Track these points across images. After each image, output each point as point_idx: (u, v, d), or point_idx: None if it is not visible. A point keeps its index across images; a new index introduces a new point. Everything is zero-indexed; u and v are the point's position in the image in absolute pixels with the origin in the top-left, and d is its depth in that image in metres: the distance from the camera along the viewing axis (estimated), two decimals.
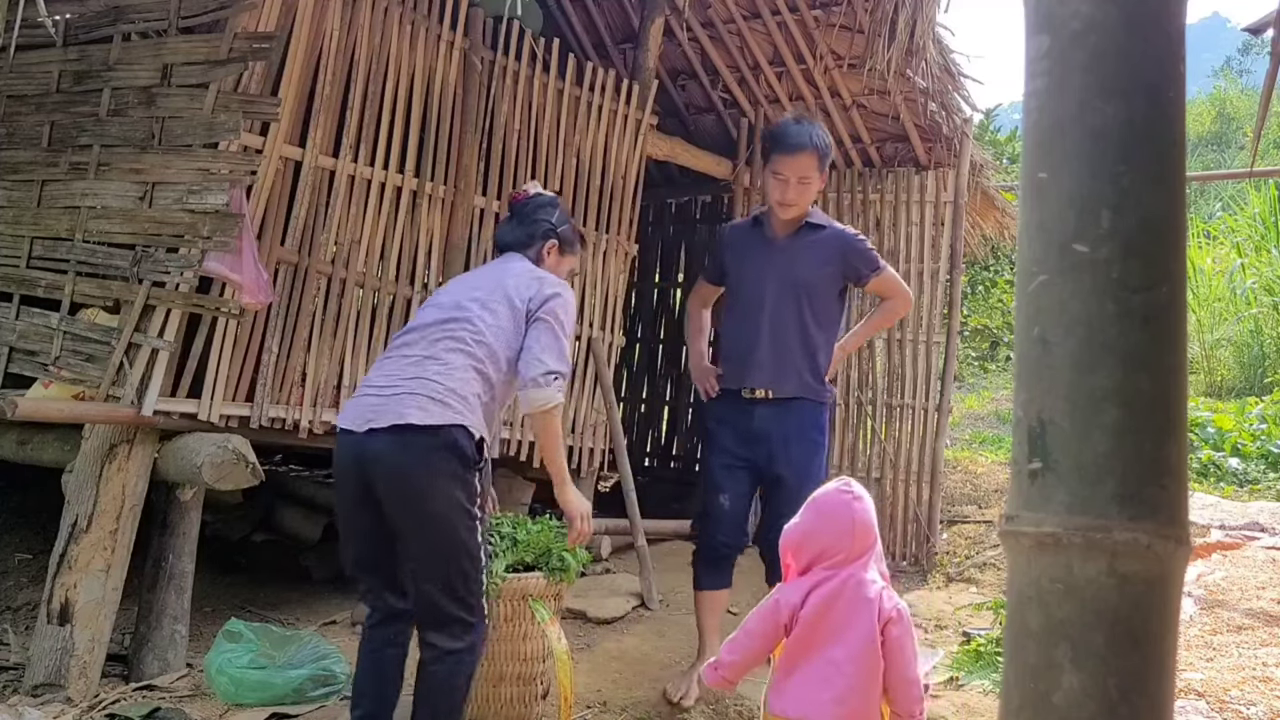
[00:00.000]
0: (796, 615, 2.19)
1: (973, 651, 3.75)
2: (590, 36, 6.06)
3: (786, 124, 3.40)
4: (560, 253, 2.95)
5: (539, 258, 2.89)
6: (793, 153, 3.30)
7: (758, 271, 3.44)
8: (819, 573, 2.21)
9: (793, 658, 2.20)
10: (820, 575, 2.21)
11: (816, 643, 2.18)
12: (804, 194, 3.35)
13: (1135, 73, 0.89)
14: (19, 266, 3.75)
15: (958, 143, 5.47)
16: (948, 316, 5.70)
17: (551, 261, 2.91)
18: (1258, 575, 3.90)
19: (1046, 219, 0.90)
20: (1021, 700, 0.87)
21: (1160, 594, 0.86)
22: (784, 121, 3.45)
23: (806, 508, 2.29)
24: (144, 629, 3.46)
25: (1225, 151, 19.44)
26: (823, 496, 2.28)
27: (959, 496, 6.14)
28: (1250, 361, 8.76)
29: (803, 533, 2.25)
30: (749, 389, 3.41)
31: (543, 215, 2.93)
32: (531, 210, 2.95)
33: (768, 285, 3.41)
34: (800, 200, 3.37)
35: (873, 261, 3.48)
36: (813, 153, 3.30)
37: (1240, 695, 2.89)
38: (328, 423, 3.87)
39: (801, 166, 3.30)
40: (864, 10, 5.05)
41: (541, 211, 2.94)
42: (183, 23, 3.54)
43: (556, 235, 2.93)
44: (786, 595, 2.22)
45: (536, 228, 2.91)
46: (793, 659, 2.20)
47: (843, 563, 2.20)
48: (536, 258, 2.89)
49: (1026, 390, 0.90)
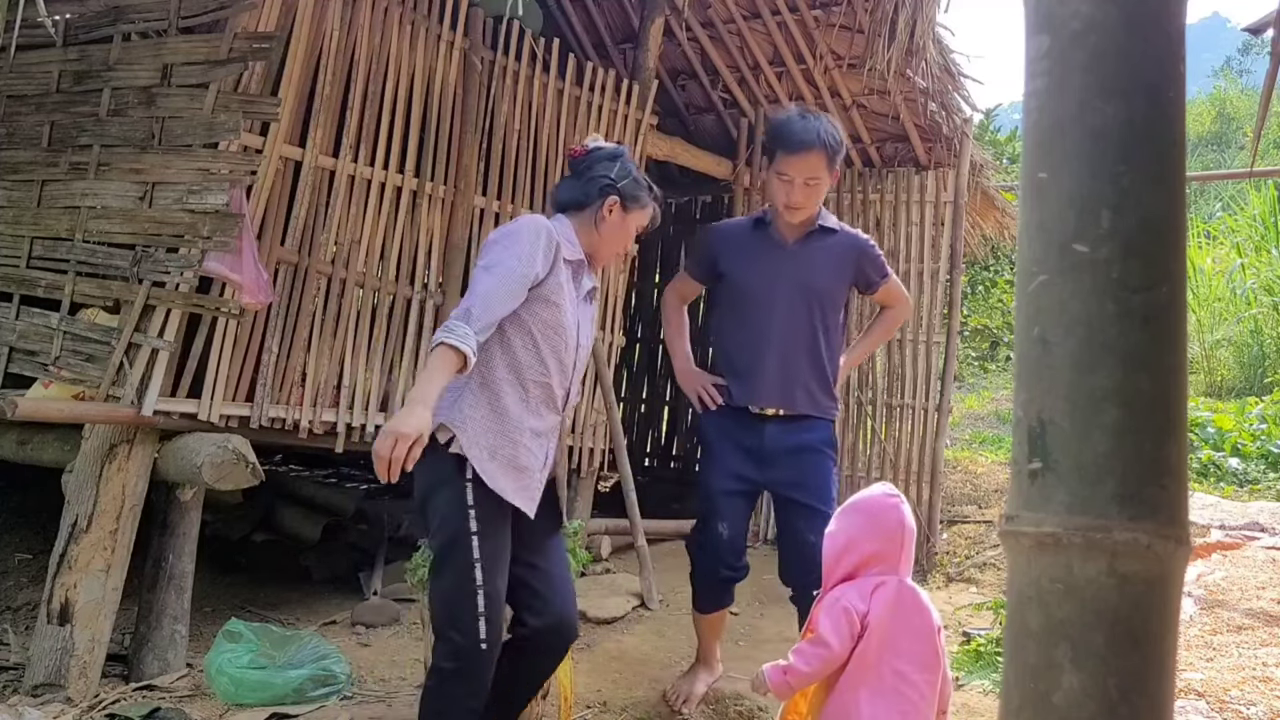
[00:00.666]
0: (865, 621, 2.10)
1: (973, 651, 3.75)
2: (590, 36, 6.06)
3: (791, 120, 3.06)
4: (624, 208, 2.59)
5: (598, 218, 2.57)
6: (799, 152, 3.00)
7: (766, 279, 3.16)
8: (872, 578, 2.14)
9: (857, 673, 2.10)
10: (874, 581, 2.13)
11: (881, 654, 2.10)
12: (812, 196, 3.07)
13: (1135, 73, 0.89)
14: (19, 266, 3.75)
15: (958, 143, 5.47)
16: (948, 316, 5.70)
17: (614, 220, 2.57)
18: (1258, 575, 3.90)
19: (1046, 219, 0.90)
20: (1021, 700, 0.87)
21: (1160, 594, 0.86)
22: (788, 117, 3.09)
23: (849, 511, 2.23)
24: (144, 629, 3.46)
25: (1225, 151, 19.44)
26: (869, 500, 2.22)
27: (959, 496, 6.14)
28: (1250, 361, 8.76)
29: (849, 536, 2.18)
30: (758, 406, 3.16)
31: (601, 170, 2.59)
32: (589, 165, 2.62)
33: (778, 293, 3.14)
34: (809, 203, 3.08)
35: (883, 268, 3.27)
36: (821, 151, 2.99)
37: (1240, 695, 2.89)
38: (328, 423, 3.87)
39: (809, 167, 3.01)
40: (864, 10, 5.05)
41: (600, 166, 2.60)
42: (183, 23, 3.54)
43: (617, 190, 2.57)
44: (853, 601, 2.12)
45: (593, 185, 2.58)
46: (857, 674, 2.10)
47: (893, 568, 2.15)
48: (595, 219, 2.57)
49: (1026, 390, 0.90)
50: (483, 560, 2.28)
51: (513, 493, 2.36)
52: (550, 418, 2.46)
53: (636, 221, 2.63)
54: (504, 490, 2.34)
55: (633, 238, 2.68)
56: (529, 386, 2.40)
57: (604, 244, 2.60)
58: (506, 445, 2.36)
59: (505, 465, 2.35)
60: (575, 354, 2.51)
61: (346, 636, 3.99)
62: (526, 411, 2.40)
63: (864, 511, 2.21)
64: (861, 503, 2.23)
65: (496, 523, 2.34)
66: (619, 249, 2.65)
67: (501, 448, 2.35)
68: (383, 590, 4.52)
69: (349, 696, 3.31)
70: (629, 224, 2.61)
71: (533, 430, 2.40)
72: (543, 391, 2.42)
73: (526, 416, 2.39)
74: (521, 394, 2.39)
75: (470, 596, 2.27)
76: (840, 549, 2.19)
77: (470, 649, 2.27)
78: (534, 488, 2.43)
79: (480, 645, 2.27)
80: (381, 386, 4.06)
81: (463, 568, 2.28)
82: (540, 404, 2.43)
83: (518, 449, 2.37)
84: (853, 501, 2.26)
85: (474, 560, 2.28)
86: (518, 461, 2.37)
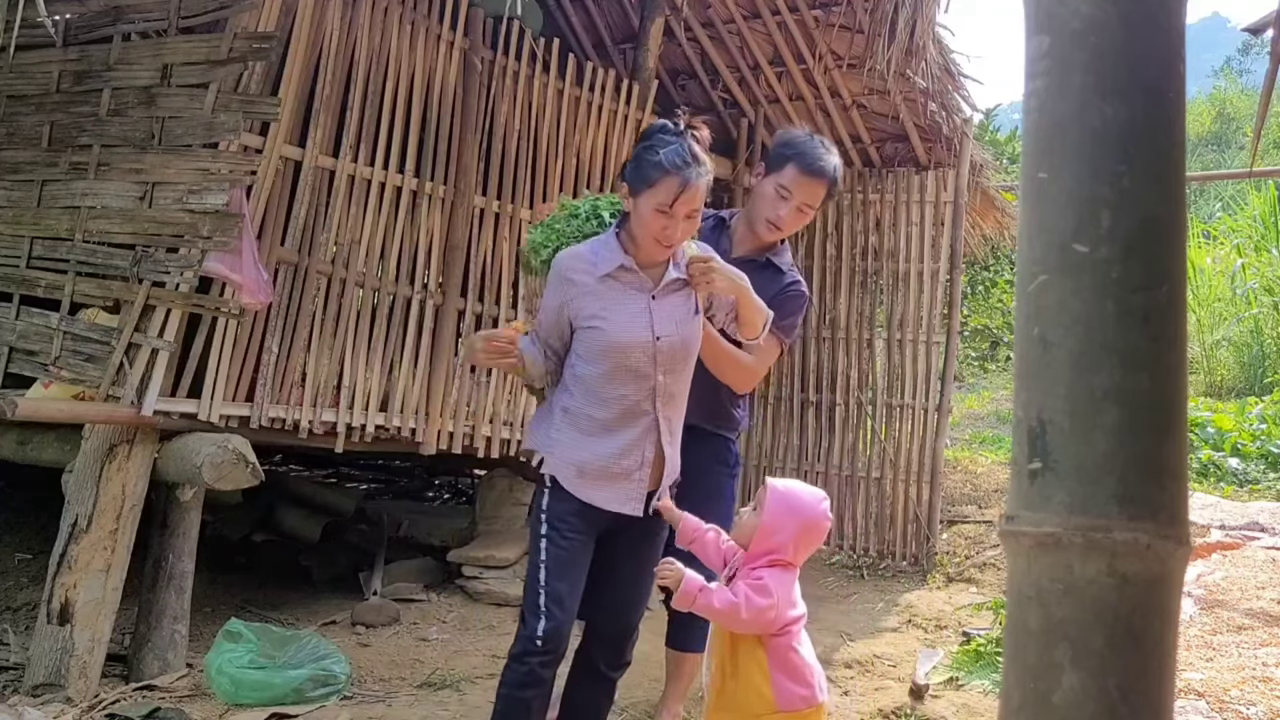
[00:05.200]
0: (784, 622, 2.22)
1: (973, 651, 3.74)
2: (590, 36, 6.06)
3: (815, 142, 2.96)
4: (633, 194, 2.38)
5: (626, 213, 2.46)
6: (814, 176, 2.90)
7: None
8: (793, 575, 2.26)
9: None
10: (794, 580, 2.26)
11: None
12: (798, 222, 2.98)
13: (1135, 73, 0.89)
14: (19, 266, 3.75)
15: (958, 143, 5.47)
16: (948, 316, 5.70)
17: (637, 211, 2.39)
18: (1258, 575, 3.90)
19: (1046, 219, 0.90)
20: (1021, 700, 0.87)
21: (1160, 594, 0.86)
22: (810, 136, 3.01)
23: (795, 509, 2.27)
24: (144, 629, 3.46)
25: (1225, 151, 19.45)
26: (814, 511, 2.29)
27: (959, 496, 6.15)
28: (1250, 361, 8.76)
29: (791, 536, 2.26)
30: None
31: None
32: None
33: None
34: (792, 227, 2.99)
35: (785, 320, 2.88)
36: (828, 184, 2.93)
37: (1240, 695, 2.89)
38: (328, 423, 3.87)
39: (813, 193, 2.92)
40: (864, 10, 5.05)
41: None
42: (183, 23, 3.54)
43: (624, 179, 2.41)
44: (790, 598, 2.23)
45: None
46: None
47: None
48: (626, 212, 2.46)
49: (1026, 390, 0.90)
50: (548, 562, 2.40)
51: (611, 500, 2.44)
52: (641, 422, 2.47)
53: (656, 202, 2.33)
54: (597, 499, 2.43)
55: (670, 219, 2.36)
56: (609, 404, 2.44)
57: (637, 238, 2.43)
58: (596, 460, 2.43)
59: (597, 477, 2.43)
60: (653, 354, 2.43)
61: (346, 636, 3.99)
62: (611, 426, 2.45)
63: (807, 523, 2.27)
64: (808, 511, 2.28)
65: (574, 529, 2.42)
66: (656, 236, 2.38)
67: (590, 463, 2.43)
68: (383, 590, 4.52)
69: (349, 696, 3.31)
70: (643, 208, 2.36)
71: (622, 445, 2.44)
72: (622, 405, 2.44)
73: (614, 432, 2.45)
74: (604, 412, 2.44)
75: (534, 594, 2.38)
76: (775, 536, 2.25)
77: (527, 641, 2.36)
78: (635, 490, 2.47)
79: (536, 641, 2.35)
80: (381, 386, 4.06)
81: (532, 567, 2.42)
82: (625, 415, 2.45)
83: (609, 461, 2.43)
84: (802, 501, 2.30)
85: (540, 561, 2.40)
86: (610, 471, 2.44)
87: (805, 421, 5.68)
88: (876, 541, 5.46)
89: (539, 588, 2.37)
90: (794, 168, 2.90)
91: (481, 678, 3.55)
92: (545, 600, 2.36)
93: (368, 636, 4.01)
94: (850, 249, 5.70)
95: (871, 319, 5.69)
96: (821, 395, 5.68)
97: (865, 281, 5.70)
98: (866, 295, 5.70)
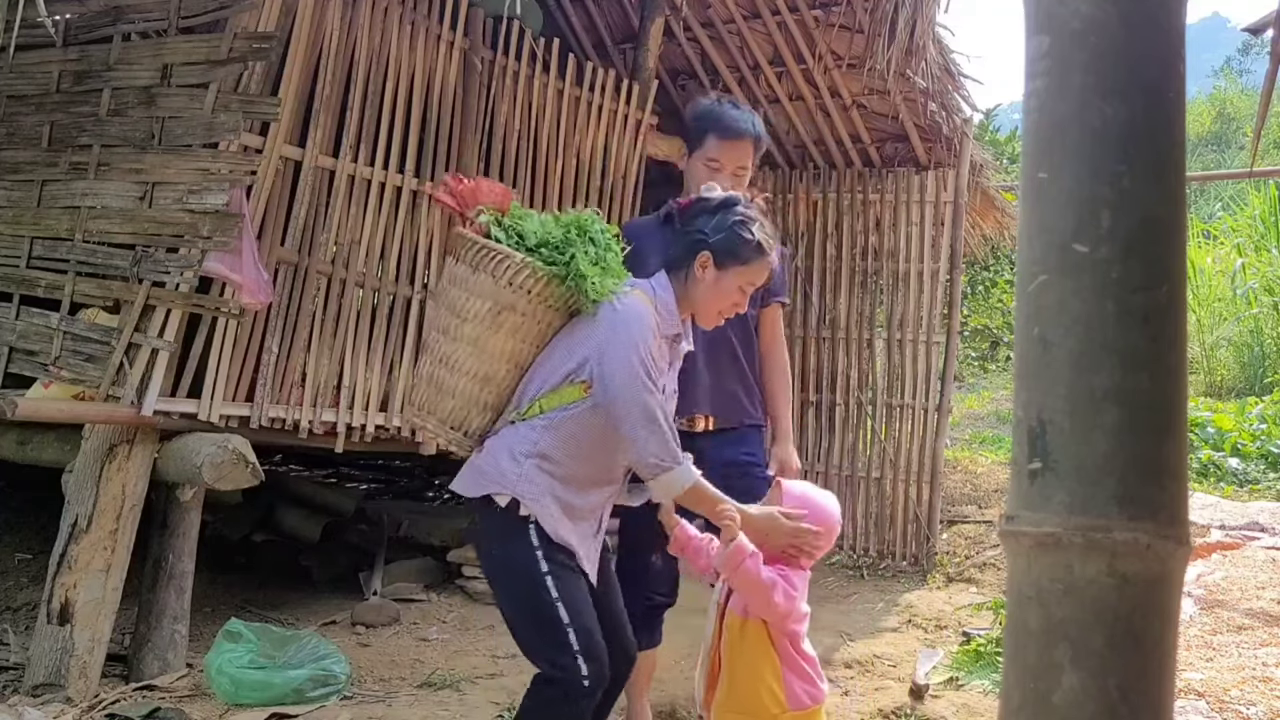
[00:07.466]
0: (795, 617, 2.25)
1: (973, 651, 3.74)
2: (590, 36, 6.06)
3: (724, 105, 2.94)
4: (718, 266, 2.31)
5: (689, 276, 2.33)
6: (734, 138, 2.86)
7: None
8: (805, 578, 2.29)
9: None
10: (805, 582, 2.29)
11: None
12: (738, 187, 2.83)
13: (1135, 73, 0.89)
14: (19, 266, 3.75)
15: (958, 143, 5.47)
16: (948, 316, 5.70)
17: (709, 280, 2.31)
18: (1258, 575, 3.90)
19: (1046, 219, 0.90)
20: (1021, 700, 0.87)
21: (1160, 594, 0.86)
22: (719, 101, 2.98)
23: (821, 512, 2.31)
24: (144, 629, 3.46)
25: (1225, 151, 19.45)
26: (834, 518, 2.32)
27: (959, 496, 6.15)
28: (1250, 361, 8.77)
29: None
30: (688, 418, 2.89)
31: (699, 224, 2.36)
32: (692, 217, 2.40)
33: None
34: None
35: (782, 287, 3.03)
36: (753, 141, 2.90)
37: (1240, 695, 2.89)
38: (328, 423, 3.87)
39: (741, 155, 2.88)
40: (864, 10, 5.04)
41: (700, 220, 2.37)
42: (183, 23, 3.54)
43: (709, 246, 2.31)
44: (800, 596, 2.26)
45: (688, 239, 2.36)
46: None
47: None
48: (687, 276, 2.34)
49: (1026, 390, 0.90)
50: (563, 598, 2.18)
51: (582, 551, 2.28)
52: (615, 485, 2.39)
53: (741, 280, 2.32)
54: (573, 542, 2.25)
55: (742, 297, 2.36)
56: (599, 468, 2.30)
57: (701, 304, 2.35)
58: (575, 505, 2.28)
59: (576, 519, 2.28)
60: None
61: (346, 636, 3.99)
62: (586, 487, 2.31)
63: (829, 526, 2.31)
64: (823, 514, 2.31)
65: (570, 559, 2.25)
66: (722, 309, 2.36)
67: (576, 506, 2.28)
68: (383, 590, 4.52)
69: (349, 696, 3.31)
70: (727, 283, 2.31)
71: (592, 504, 2.33)
72: (609, 474, 2.34)
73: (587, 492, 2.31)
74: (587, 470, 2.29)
75: (560, 634, 2.17)
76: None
77: (570, 685, 2.16)
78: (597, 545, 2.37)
79: (582, 683, 2.15)
80: (381, 386, 4.06)
81: (542, 607, 2.19)
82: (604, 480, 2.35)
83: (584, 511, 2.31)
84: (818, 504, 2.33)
85: (552, 600, 2.18)
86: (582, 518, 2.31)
87: (805, 421, 5.67)
88: (876, 541, 5.46)
89: (564, 627, 2.16)
90: (714, 137, 2.88)
91: (482, 678, 3.55)
92: (577, 639, 2.16)
93: (368, 636, 4.01)
94: (850, 249, 5.70)
95: (871, 319, 5.69)
96: (821, 395, 5.68)
97: (865, 281, 5.70)
98: (866, 295, 5.70)
